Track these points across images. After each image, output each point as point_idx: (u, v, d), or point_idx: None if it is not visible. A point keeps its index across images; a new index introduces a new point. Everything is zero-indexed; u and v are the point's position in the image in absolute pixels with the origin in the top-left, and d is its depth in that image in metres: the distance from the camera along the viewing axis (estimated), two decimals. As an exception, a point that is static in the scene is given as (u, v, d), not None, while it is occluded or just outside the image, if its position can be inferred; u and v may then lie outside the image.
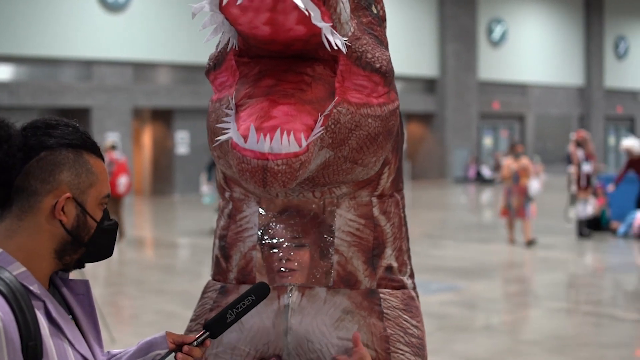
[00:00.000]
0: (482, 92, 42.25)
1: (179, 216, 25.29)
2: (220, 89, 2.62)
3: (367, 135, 2.47)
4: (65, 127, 2.22)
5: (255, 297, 2.42)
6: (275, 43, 2.31)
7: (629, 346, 9.49)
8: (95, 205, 2.23)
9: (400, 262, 2.78)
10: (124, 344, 8.26)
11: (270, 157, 2.19)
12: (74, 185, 2.18)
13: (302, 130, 2.25)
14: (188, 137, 32.16)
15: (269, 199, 2.68)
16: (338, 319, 2.62)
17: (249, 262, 2.71)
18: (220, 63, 2.60)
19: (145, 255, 17.32)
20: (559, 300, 12.29)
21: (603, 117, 49.61)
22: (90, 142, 2.25)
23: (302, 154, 2.22)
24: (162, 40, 30.63)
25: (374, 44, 2.55)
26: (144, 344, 2.44)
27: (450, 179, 40.06)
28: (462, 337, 9.73)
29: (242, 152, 2.21)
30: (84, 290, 2.35)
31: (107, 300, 11.80)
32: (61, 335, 2.15)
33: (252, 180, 2.22)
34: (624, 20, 51.24)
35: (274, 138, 2.18)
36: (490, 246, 17.45)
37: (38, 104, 27.93)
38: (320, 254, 2.65)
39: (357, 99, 2.44)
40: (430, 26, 39.97)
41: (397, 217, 2.79)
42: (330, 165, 2.44)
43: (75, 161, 2.18)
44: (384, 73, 2.52)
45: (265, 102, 2.32)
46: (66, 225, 2.17)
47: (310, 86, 2.41)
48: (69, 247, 2.20)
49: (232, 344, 2.67)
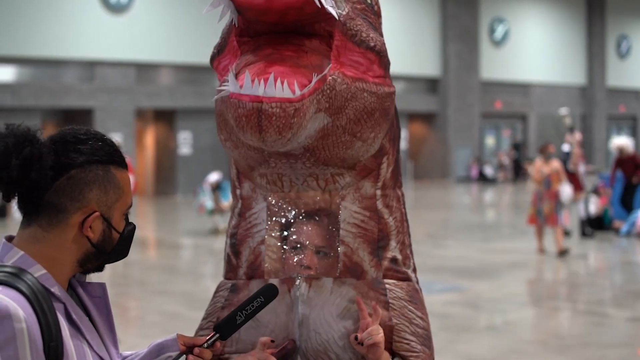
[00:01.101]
0: (484, 91, 42.25)
1: (182, 217, 25.31)
2: (224, 73, 2.69)
3: (364, 108, 2.54)
4: (94, 142, 2.23)
5: (264, 298, 2.45)
6: (270, 12, 2.36)
7: (631, 346, 9.49)
8: (119, 218, 2.27)
9: (404, 255, 2.82)
10: (128, 344, 8.27)
11: (265, 100, 2.29)
12: (102, 202, 2.21)
13: (295, 81, 2.34)
14: (190, 138, 32.18)
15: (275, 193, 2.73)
16: (344, 308, 2.65)
17: (257, 256, 2.76)
18: (223, 48, 2.68)
19: (148, 256, 17.33)
20: (562, 300, 12.30)
21: (605, 117, 49.59)
22: (118, 155, 2.28)
23: (295, 101, 2.31)
24: (164, 41, 30.65)
25: (368, 26, 2.64)
26: (155, 346, 2.47)
27: (453, 179, 40.06)
28: (465, 337, 9.74)
29: (238, 98, 2.32)
30: (101, 292, 2.38)
31: (112, 301, 11.74)
32: (80, 336, 2.19)
33: (248, 126, 2.32)
34: (626, 19, 51.21)
35: (267, 83, 2.29)
36: (493, 246, 17.45)
37: (41, 105, 27.96)
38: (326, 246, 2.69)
39: (353, 73, 2.53)
40: (432, 26, 39.97)
41: (399, 211, 2.85)
42: (329, 135, 2.51)
43: (104, 178, 2.21)
44: (379, 52, 2.61)
45: (261, 64, 2.41)
46: (92, 241, 2.21)
47: (307, 54, 2.49)
48: (92, 257, 2.25)
49: (252, 341, 2.70)
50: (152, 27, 30.37)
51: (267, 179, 2.72)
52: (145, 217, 25.84)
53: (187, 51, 31.03)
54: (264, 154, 2.58)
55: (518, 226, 21.51)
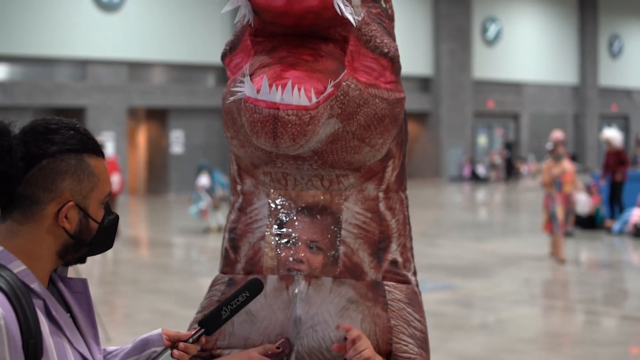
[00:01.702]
0: (476, 90, 42.28)
1: (174, 215, 25.27)
2: (235, 71, 2.70)
3: (375, 115, 2.54)
4: (66, 131, 2.19)
5: (250, 293, 2.44)
6: (288, 15, 2.36)
7: (623, 344, 9.50)
8: (97, 207, 2.24)
9: (404, 258, 2.83)
10: (118, 342, 8.24)
11: (281, 107, 2.28)
12: (77, 191, 2.17)
13: (312, 88, 2.33)
14: (183, 137, 32.15)
15: (278, 190, 2.73)
16: (343, 308, 2.66)
17: (257, 252, 2.76)
18: (236, 46, 2.68)
19: (140, 254, 17.31)
20: (554, 298, 12.31)
21: (597, 116, 49.66)
22: (91, 143, 2.24)
23: (312, 108, 2.30)
24: (157, 39, 30.62)
25: (382, 31, 2.64)
26: (140, 341, 2.45)
27: (445, 178, 40.09)
28: (458, 336, 9.75)
29: (254, 103, 2.30)
30: (82, 288, 2.35)
31: (102, 299, 11.79)
32: (60, 333, 2.16)
33: (263, 132, 2.31)
34: (618, 19, 51.29)
35: (285, 89, 2.27)
36: (486, 244, 17.46)
37: (33, 103, 27.91)
38: (327, 245, 2.69)
39: (366, 79, 2.53)
40: (424, 25, 40.00)
41: (402, 214, 2.86)
42: (339, 140, 2.51)
43: (77, 167, 2.17)
44: (392, 58, 2.62)
45: (278, 67, 2.41)
46: (69, 231, 2.18)
47: (322, 58, 2.48)
48: (71, 248, 2.21)
49: (245, 336, 2.70)
50: (144, 25, 30.33)
51: (271, 177, 2.72)
52: (137, 215, 25.83)
53: (179, 50, 31.01)
54: (271, 155, 2.58)
55: (510, 225, 21.56)
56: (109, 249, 2.36)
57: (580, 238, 18.21)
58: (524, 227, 21.33)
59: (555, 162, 15.18)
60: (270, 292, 2.69)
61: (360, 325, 2.65)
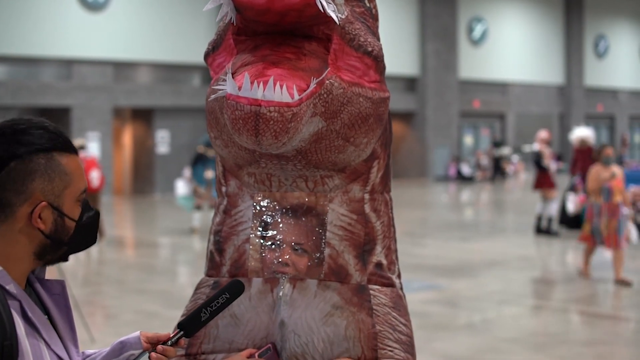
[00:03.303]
0: (462, 90, 42.32)
1: (159, 216, 25.23)
2: (217, 70, 2.68)
3: (359, 114, 2.53)
4: (34, 130, 2.17)
5: (230, 294, 2.41)
6: (270, 13, 2.34)
7: (607, 344, 9.52)
8: (72, 205, 2.21)
9: (389, 261, 2.81)
10: (103, 343, 8.22)
11: (263, 103, 2.26)
12: (48, 191, 2.14)
13: (294, 85, 2.32)
14: (168, 137, 32.07)
15: (262, 192, 2.70)
16: (327, 314, 2.63)
17: (242, 254, 2.74)
18: (218, 45, 2.67)
19: (125, 254, 17.27)
20: (539, 298, 12.33)
21: (583, 116, 49.76)
22: (61, 140, 2.21)
23: (294, 105, 2.29)
24: (142, 39, 30.55)
25: (366, 30, 2.63)
26: (118, 344, 2.43)
27: (431, 178, 40.12)
28: (443, 336, 9.75)
29: (236, 100, 2.29)
30: (60, 290, 2.32)
31: (87, 299, 11.75)
32: (37, 335, 2.14)
33: (244, 129, 2.29)
34: (603, 19, 51.43)
35: (267, 86, 2.26)
36: (471, 245, 17.48)
37: (18, 103, 27.80)
38: (312, 247, 2.67)
39: (349, 78, 2.51)
40: (410, 25, 40.01)
41: (387, 216, 2.83)
42: (323, 139, 2.49)
43: (47, 166, 2.14)
44: (376, 57, 2.60)
45: (260, 65, 2.39)
46: (45, 232, 2.15)
47: (305, 56, 2.47)
48: (48, 249, 2.19)
49: (230, 339, 2.68)
50: (130, 25, 30.25)
51: (255, 178, 2.69)
52: (123, 215, 25.77)
53: (165, 49, 30.94)
54: (254, 155, 2.56)
55: (496, 225, 21.59)
56: (92, 245, 2.33)
57: (566, 237, 18.24)
58: (510, 227, 21.36)
59: (604, 166, 13.26)
60: (255, 295, 2.67)
61: (345, 331, 2.63)
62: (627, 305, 11.66)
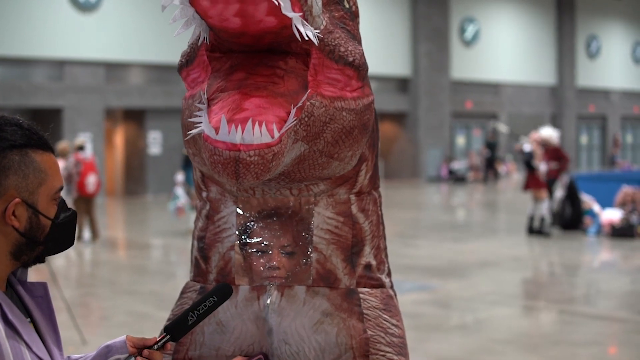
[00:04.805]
0: (454, 91, 42.34)
1: (152, 217, 25.18)
2: (192, 85, 2.60)
3: (342, 129, 2.45)
4: (8, 127, 2.14)
5: (217, 298, 2.38)
6: (246, 35, 2.29)
7: (600, 344, 9.52)
8: (47, 203, 2.18)
9: (378, 261, 2.77)
10: (95, 345, 8.19)
11: (242, 148, 2.18)
12: (22, 188, 2.12)
13: (274, 122, 2.23)
14: (160, 138, 32.02)
15: (245, 198, 2.66)
16: (317, 321, 2.60)
17: (227, 262, 2.69)
18: (192, 59, 2.57)
19: (117, 256, 17.21)
20: (532, 299, 12.32)
21: (575, 116, 49.83)
22: (36, 138, 2.18)
23: (274, 144, 2.20)
24: (134, 40, 30.49)
25: (346, 37, 2.54)
26: (103, 348, 2.41)
27: (424, 178, 40.11)
28: (436, 337, 9.73)
29: (213, 144, 2.20)
30: (43, 292, 2.30)
31: (79, 301, 11.71)
32: (17, 337, 2.11)
33: (224, 173, 2.21)
34: (595, 19, 51.50)
35: (245, 129, 2.17)
36: (464, 245, 17.46)
37: (9, 104, 27.71)
38: (299, 253, 2.62)
39: (331, 93, 2.43)
40: (402, 26, 40.00)
41: (375, 215, 2.79)
42: (305, 160, 2.43)
43: (21, 162, 2.12)
44: (357, 66, 2.51)
45: (237, 95, 2.31)
46: (19, 229, 2.13)
47: (283, 79, 2.39)
48: (24, 247, 2.16)
49: (216, 345, 2.65)
50: (121, 26, 30.19)
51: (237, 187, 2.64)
52: (115, 217, 25.71)
53: (157, 51, 30.87)
54: None
55: (489, 225, 21.58)
56: (69, 247, 2.30)
57: (558, 238, 18.24)
58: (502, 227, 21.37)
59: None
60: (241, 302, 2.64)
61: (336, 339, 2.59)
62: (621, 306, 11.65)
